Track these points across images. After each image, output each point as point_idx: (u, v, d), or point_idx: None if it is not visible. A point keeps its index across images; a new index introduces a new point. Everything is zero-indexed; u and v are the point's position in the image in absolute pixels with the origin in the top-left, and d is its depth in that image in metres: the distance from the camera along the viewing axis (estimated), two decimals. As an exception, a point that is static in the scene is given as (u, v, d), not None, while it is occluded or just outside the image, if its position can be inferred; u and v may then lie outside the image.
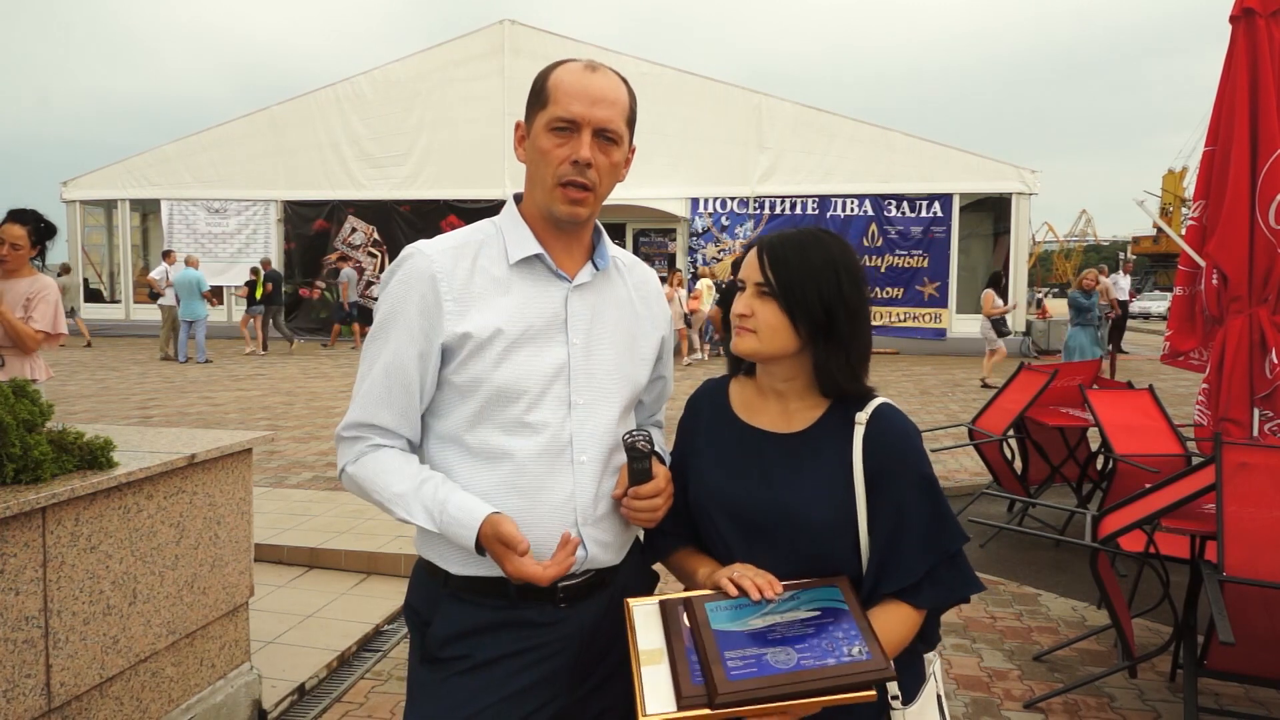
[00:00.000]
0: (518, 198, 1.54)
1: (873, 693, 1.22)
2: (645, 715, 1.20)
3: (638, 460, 1.42)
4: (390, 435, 1.47)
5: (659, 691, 1.23)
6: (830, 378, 1.42)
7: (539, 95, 1.44)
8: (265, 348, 17.29)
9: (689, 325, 15.75)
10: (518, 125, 1.50)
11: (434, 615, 1.45)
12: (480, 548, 1.36)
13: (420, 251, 1.45)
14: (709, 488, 1.47)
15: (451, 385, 1.44)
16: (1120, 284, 18.88)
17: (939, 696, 1.47)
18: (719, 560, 1.47)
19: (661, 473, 1.46)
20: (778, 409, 1.48)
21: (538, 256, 1.46)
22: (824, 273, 1.39)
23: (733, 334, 1.45)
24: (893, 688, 1.39)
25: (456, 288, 1.42)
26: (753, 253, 1.44)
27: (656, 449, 1.51)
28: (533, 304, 1.45)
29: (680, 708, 1.20)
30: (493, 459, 1.42)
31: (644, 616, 1.36)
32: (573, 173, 1.41)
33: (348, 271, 18.57)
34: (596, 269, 1.52)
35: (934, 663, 1.49)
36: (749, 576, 1.34)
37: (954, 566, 1.40)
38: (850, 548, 1.39)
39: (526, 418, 1.42)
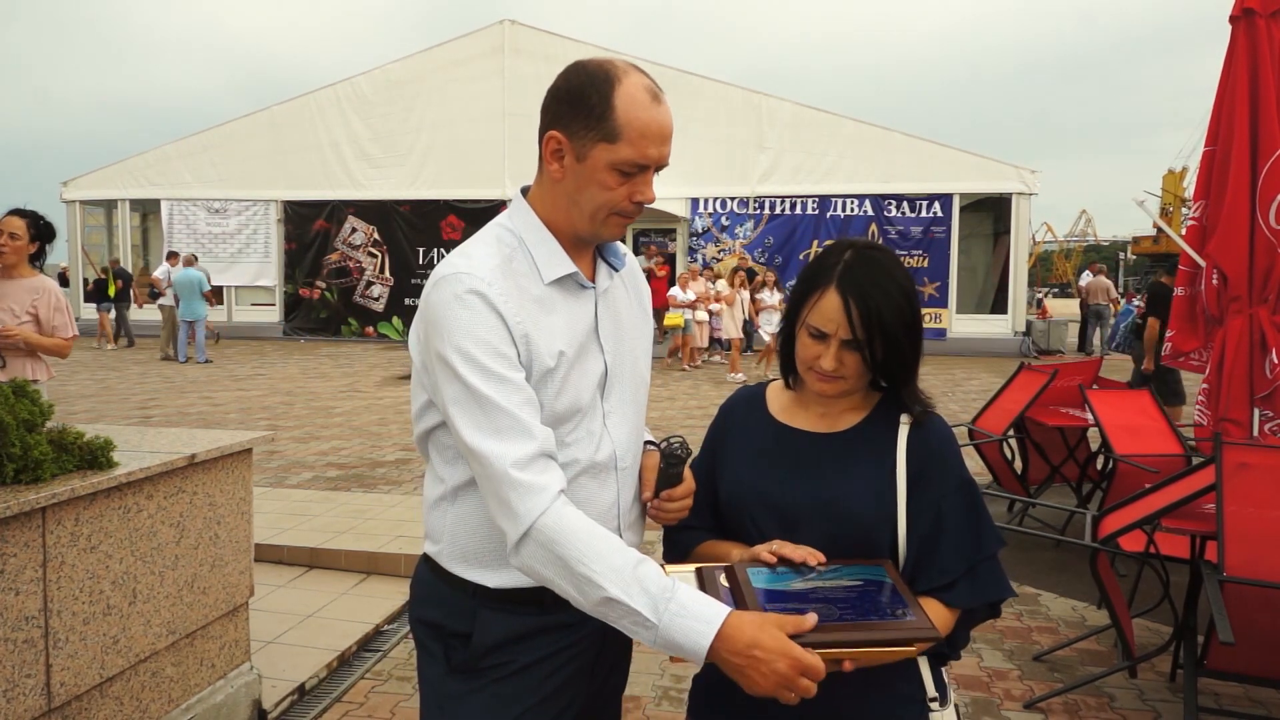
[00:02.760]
0: (524, 190, 1.46)
1: (914, 649, 1.22)
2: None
3: (674, 465, 1.43)
4: (555, 467, 1.30)
5: None
6: (907, 390, 1.44)
7: (601, 122, 1.30)
8: (131, 342, 17.99)
9: (747, 334, 14.55)
10: (552, 138, 1.35)
11: (471, 627, 1.41)
12: (715, 649, 1.16)
13: (471, 274, 1.32)
14: (746, 484, 1.48)
15: None
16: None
17: (956, 706, 1.48)
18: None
19: (688, 473, 1.48)
20: (819, 411, 1.48)
21: (572, 275, 1.41)
22: (903, 305, 1.37)
23: (808, 378, 1.43)
24: (931, 689, 1.40)
25: (518, 313, 1.33)
26: (833, 302, 1.35)
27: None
28: (575, 320, 1.41)
29: None
30: None
31: (680, 579, 1.35)
32: (633, 210, 1.38)
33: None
34: (615, 270, 1.50)
35: (945, 676, 1.50)
36: (790, 545, 1.35)
37: (989, 568, 1.40)
38: (888, 544, 1.40)
39: (572, 435, 1.40)
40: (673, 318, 14.41)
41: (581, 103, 1.32)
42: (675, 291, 14.58)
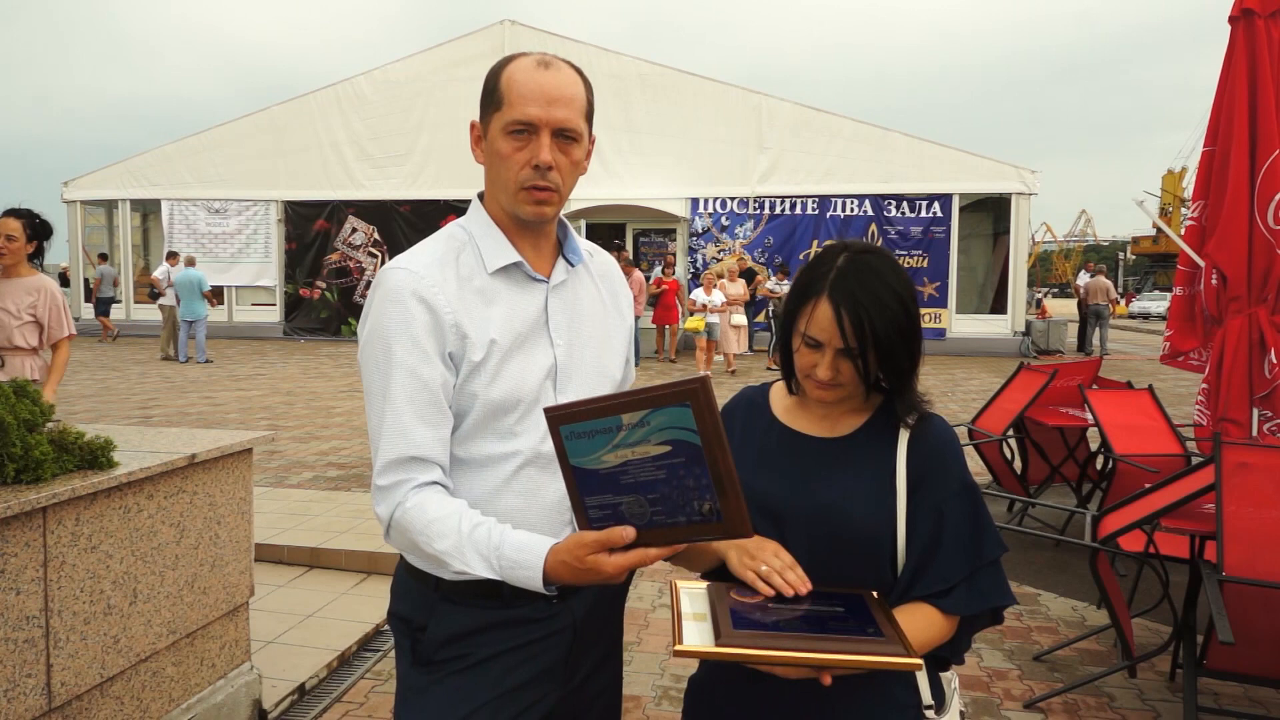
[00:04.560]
0: (482, 196, 1.51)
1: (883, 659, 1.20)
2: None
3: None
4: (429, 466, 1.37)
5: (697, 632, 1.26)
6: (902, 395, 1.42)
7: (492, 95, 1.40)
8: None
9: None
10: (473, 125, 1.46)
11: (429, 619, 1.43)
12: (550, 583, 1.27)
13: (406, 269, 1.38)
14: (745, 487, 1.46)
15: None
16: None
17: (961, 713, 1.47)
18: None
19: None
20: (820, 414, 1.48)
21: (516, 264, 1.44)
22: (898, 312, 1.35)
23: (806, 386, 1.42)
24: (926, 696, 1.39)
25: (452, 301, 1.38)
26: (826, 312, 1.34)
27: None
28: (518, 311, 1.43)
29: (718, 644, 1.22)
30: (486, 465, 1.41)
31: (690, 595, 1.36)
32: (535, 177, 1.39)
33: (105, 269, 19.09)
34: (571, 265, 1.52)
35: (953, 679, 1.49)
36: (778, 573, 1.33)
37: (989, 575, 1.38)
38: (888, 550, 1.39)
39: (519, 425, 1.41)
40: (693, 321, 13.79)
41: (485, 90, 1.44)
42: (698, 294, 13.95)
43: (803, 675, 1.24)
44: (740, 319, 14.11)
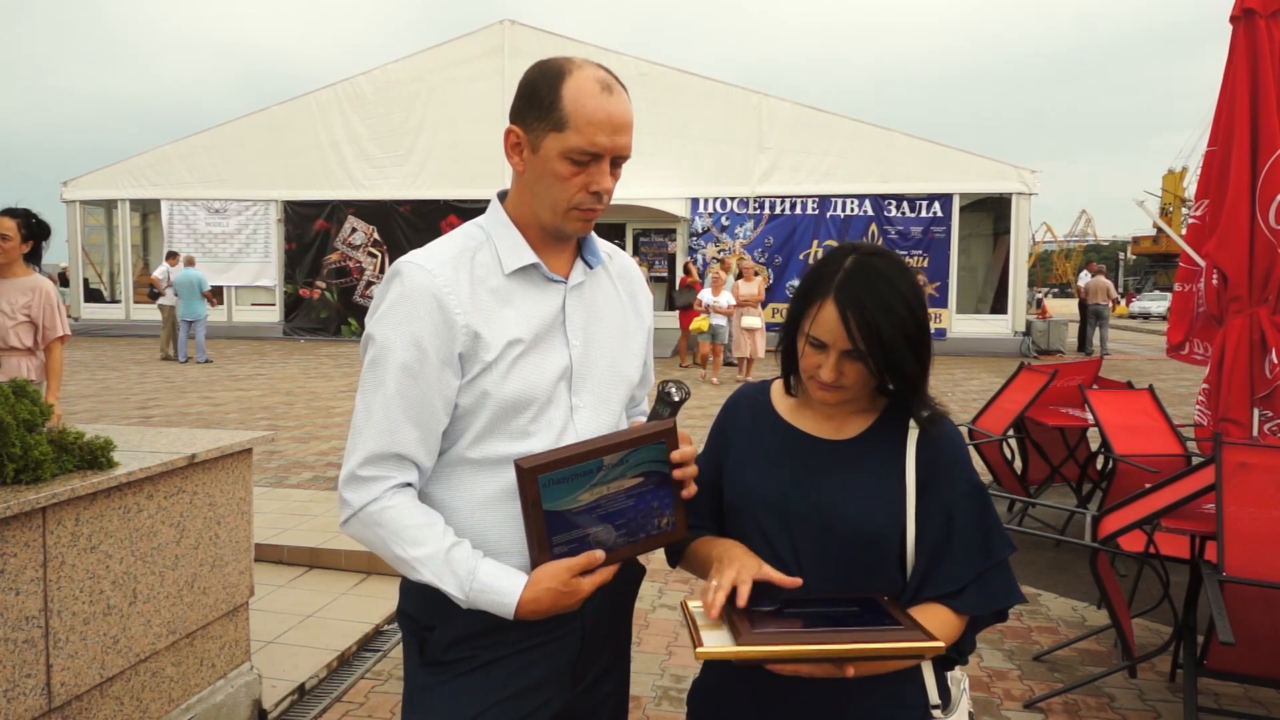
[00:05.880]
0: (502, 196, 1.50)
1: (907, 646, 1.22)
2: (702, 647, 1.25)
3: (664, 406, 1.44)
4: (409, 467, 1.39)
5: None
6: (914, 400, 1.41)
7: (550, 112, 1.35)
8: None
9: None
10: (511, 131, 1.41)
11: (438, 619, 1.43)
12: (521, 615, 1.33)
13: (419, 266, 1.37)
14: (751, 488, 1.45)
15: (456, 405, 1.40)
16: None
17: (970, 714, 1.47)
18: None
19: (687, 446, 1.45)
20: (826, 414, 1.46)
21: (533, 265, 1.43)
22: (905, 317, 1.33)
23: (809, 386, 1.41)
24: (934, 695, 1.39)
25: (465, 302, 1.37)
26: (831, 313, 1.33)
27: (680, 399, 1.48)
28: (534, 311, 1.42)
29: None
30: (497, 465, 1.40)
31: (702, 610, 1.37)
32: (591, 201, 1.39)
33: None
34: (590, 267, 1.51)
35: (963, 680, 1.49)
36: (710, 591, 1.33)
37: (998, 574, 1.39)
38: (897, 552, 1.39)
39: (531, 426, 1.40)
40: (698, 322, 13.33)
41: (534, 96, 1.38)
42: (705, 295, 13.54)
43: (825, 672, 1.24)
44: (752, 320, 13.15)
